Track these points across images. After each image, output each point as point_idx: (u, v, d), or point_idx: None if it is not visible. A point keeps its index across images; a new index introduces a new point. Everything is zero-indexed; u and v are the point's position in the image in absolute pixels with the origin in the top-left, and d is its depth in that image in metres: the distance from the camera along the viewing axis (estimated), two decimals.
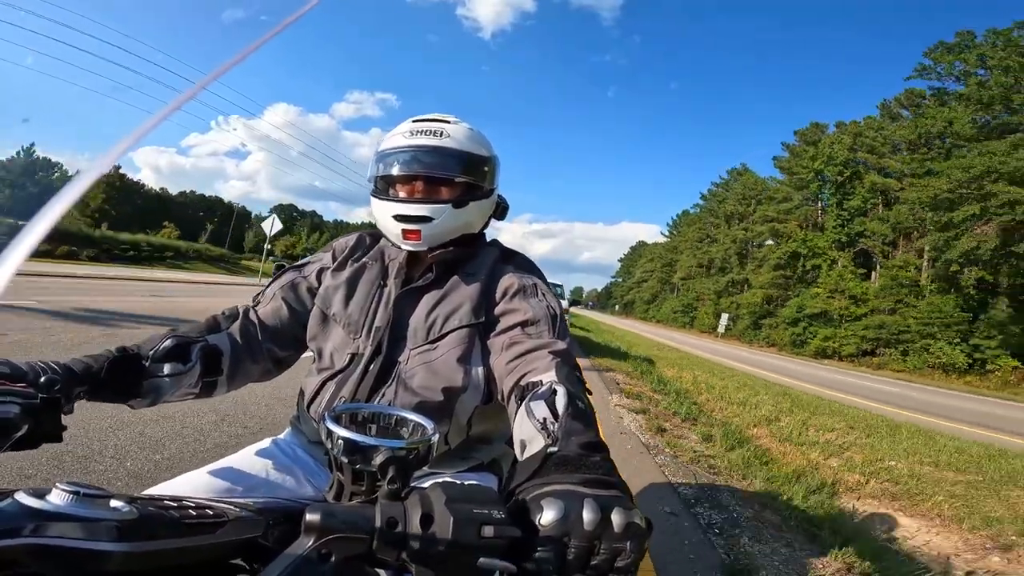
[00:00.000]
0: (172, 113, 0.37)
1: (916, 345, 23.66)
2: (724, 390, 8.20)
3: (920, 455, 5.28)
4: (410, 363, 0.94)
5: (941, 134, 25.24)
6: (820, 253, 33.95)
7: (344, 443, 0.57)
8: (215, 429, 3.08)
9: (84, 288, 9.78)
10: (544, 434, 0.66)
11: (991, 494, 4.13)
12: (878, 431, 6.51)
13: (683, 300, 57.60)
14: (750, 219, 46.51)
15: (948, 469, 4.89)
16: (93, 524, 0.38)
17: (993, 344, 21.01)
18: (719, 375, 10.99)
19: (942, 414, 10.24)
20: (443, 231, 0.99)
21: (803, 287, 34.78)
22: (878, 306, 26.91)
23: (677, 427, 5.07)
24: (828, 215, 35.62)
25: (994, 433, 8.31)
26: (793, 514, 3.04)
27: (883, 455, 5.09)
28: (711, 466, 3.86)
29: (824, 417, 7.00)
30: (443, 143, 0.98)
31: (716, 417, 5.86)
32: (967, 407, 12.62)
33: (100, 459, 2.42)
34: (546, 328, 0.91)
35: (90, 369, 0.73)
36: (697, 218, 63.46)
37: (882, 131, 33.73)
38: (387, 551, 0.43)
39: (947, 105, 25.92)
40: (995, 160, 20.27)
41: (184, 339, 0.87)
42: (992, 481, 4.57)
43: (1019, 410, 13.11)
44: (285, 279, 1.07)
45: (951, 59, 26.06)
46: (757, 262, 42.69)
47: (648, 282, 78.89)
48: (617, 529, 0.43)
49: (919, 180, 24.47)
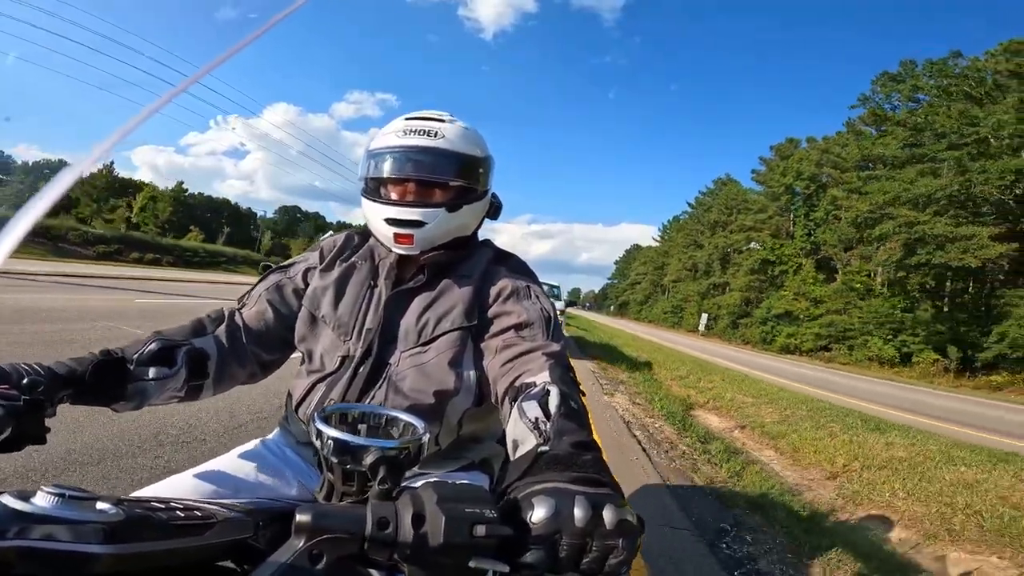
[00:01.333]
0: (160, 109, 0.37)
1: (858, 341, 27.54)
2: (668, 362, 12.03)
3: (752, 396, 9.07)
4: (401, 365, 0.93)
5: (881, 157, 29.25)
6: (787, 260, 37.90)
7: (334, 443, 0.58)
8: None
9: (194, 290, 13.00)
10: (536, 433, 0.65)
11: (770, 414, 7.93)
12: (751, 390, 10.33)
13: (672, 301, 61.58)
14: (731, 227, 50.49)
15: (767, 406, 8.69)
16: (79, 526, 0.38)
17: (917, 340, 24.90)
18: (678, 358, 14.80)
19: (830, 388, 14.03)
20: (436, 235, 0.97)
21: (773, 290, 38.69)
22: (831, 307, 30.76)
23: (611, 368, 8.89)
24: (797, 225, 39.57)
25: (858, 402, 12.12)
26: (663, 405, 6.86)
27: (733, 395, 8.89)
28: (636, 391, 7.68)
29: (713, 376, 10.81)
30: (437, 144, 0.96)
31: (645, 370, 9.70)
32: (858, 385, 16.46)
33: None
34: (540, 330, 0.91)
35: (74, 372, 0.72)
36: (686, 224, 67.48)
37: (846, 147, 37.82)
38: (379, 551, 0.43)
39: (887, 131, 29.98)
40: (901, 187, 24.47)
41: (169, 342, 0.86)
42: (785, 415, 8.38)
43: (902, 390, 16.99)
44: (270, 281, 1.05)
45: (888, 90, 30.23)
46: (736, 267, 46.63)
47: (641, 284, 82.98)
48: (609, 526, 0.43)
49: (852, 199, 28.80)
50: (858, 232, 27.75)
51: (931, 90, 27.60)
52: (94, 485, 2.32)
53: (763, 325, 36.50)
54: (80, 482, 2.32)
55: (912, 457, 4.81)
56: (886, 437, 5.57)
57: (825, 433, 5.76)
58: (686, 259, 59.90)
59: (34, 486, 0.40)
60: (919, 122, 26.12)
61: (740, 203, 50.15)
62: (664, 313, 62.42)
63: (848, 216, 28.47)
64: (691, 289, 55.55)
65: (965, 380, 22.04)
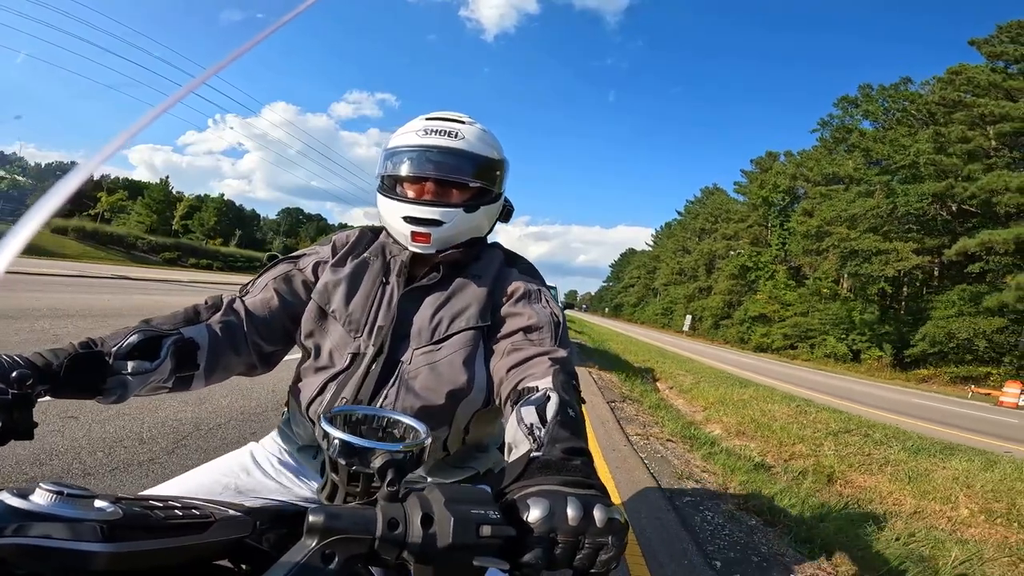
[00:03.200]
0: (169, 109, 0.37)
1: (817, 340, 31.27)
2: (638, 350, 15.68)
3: (684, 371, 12.71)
4: (413, 363, 0.93)
5: (836, 176, 33.19)
6: (764, 266, 41.69)
7: (341, 445, 0.59)
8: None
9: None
10: (530, 439, 0.67)
11: (688, 379, 11.58)
12: (686, 368, 13.98)
13: (662, 304, 65.42)
14: (715, 235, 54.37)
15: (689, 376, 12.33)
16: (77, 524, 0.38)
17: (864, 339, 28.65)
18: (647, 348, 18.45)
19: (763, 372, 17.67)
20: (453, 235, 0.98)
21: (751, 294, 42.47)
22: (797, 310, 34.51)
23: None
24: (772, 234, 43.38)
25: (773, 380, 15.78)
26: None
27: (673, 371, 12.52)
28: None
29: (667, 360, 14.45)
30: (457, 145, 0.97)
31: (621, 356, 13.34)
32: (792, 372, 20.15)
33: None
34: (548, 335, 0.92)
35: (50, 366, 0.68)
36: (676, 230, 71.35)
37: (819, 162, 41.73)
38: (389, 551, 0.44)
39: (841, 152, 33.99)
40: (841, 206, 28.44)
41: (154, 333, 0.81)
42: (698, 381, 12.02)
43: (828, 377, 20.70)
44: (278, 270, 1.04)
45: (846, 114, 34.28)
46: (719, 272, 50.44)
47: (635, 287, 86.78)
48: (599, 524, 0.45)
49: (804, 216, 32.98)
50: (811, 244, 31.81)
51: (879, 115, 31.60)
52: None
53: (740, 326, 40.24)
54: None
55: (747, 401, 8.46)
56: (746, 392, 9.26)
57: (713, 388, 9.42)
58: (675, 264, 63.70)
59: (33, 484, 0.40)
60: (869, 146, 30.01)
61: (723, 212, 54.01)
62: (655, 315, 66.22)
63: (801, 230, 32.64)
64: (679, 292, 59.27)
65: (899, 374, 25.78)
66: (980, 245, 23.37)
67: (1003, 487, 4.42)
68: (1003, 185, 22.87)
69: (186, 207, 46.27)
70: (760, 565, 2.55)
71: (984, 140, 24.92)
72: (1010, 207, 23.10)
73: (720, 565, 2.49)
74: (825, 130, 36.83)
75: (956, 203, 25.77)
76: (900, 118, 30.50)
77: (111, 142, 0.33)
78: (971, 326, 23.06)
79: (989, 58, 26.14)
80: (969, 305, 23.83)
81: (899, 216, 26.29)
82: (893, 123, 30.85)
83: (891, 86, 33.11)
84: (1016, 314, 20.84)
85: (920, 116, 28.67)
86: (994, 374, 22.03)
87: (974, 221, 25.80)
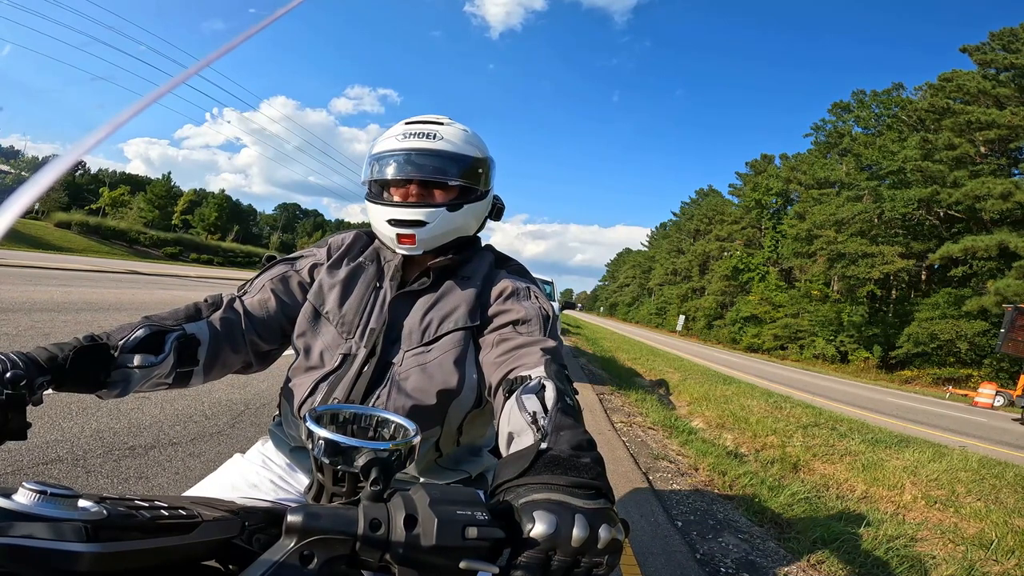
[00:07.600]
0: (158, 100, 0.37)
1: (807, 341, 31.95)
2: (630, 348, 16.23)
3: (671, 368, 13.27)
4: (404, 364, 0.94)
5: (828, 180, 33.87)
6: (756, 268, 42.38)
7: (325, 444, 0.58)
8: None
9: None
10: (534, 428, 0.66)
11: (674, 376, 12.13)
12: (673, 366, 14.54)
13: (656, 304, 66.12)
14: (709, 236, 55.03)
15: (676, 373, 12.89)
16: (61, 524, 0.37)
17: (851, 340, 29.33)
18: (638, 347, 19.01)
19: (746, 370, 18.27)
20: (437, 235, 1.00)
21: (743, 295, 43.15)
22: (787, 311, 35.19)
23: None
24: (765, 236, 44.06)
25: (756, 379, 16.37)
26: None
27: (662, 367, 13.08)
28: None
29: (656, 357, 15.02)
30: (436, 145, 0.99)
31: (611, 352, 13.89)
32: (777, 372, 20.76)
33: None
34: (538, 327, 0.93)
35: (55, 359, 0.69)
36: (671, 231, 72.03)
37: (813, 166, 42.42)
38: (370, 552, 0.43)
39: (840, 156, 34.66)
40: (830, 210, 29.15)
41: (159, 328, 0.83)
42: (684, 377, 12.58)
43: (814, 377, 21.35)
44: (276, 271, 1.06)
45: (839, 119, 34.90)
46: (712, 273, 51.12)
47: (630, 287, 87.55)
48: (601, 545, 0.45)
49: (795, 220, 33.65)
50: (802, 247, 32.53)
51: (871, 121, 32.27)
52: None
53: (732, 326, 40.94)
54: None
55: (729, 397, 9.01)
56: (728, 388, 9.83)
57: (698, 385, 9.98)
58: (669, 264, 64.37)
59: (15, 483, 0.40)
60: (859, 151, 30.69)
61: (718, 214, 54.68)
62: (649, 315, 66.94)
63: (791, 233, 33.40)
64: (673, 292, 59.92)
65: (884, 375, 26.47)
66: (963, 250, 24.07)
67: (946, 477, 4.92)
68: (987, 191, 23.55)
69: (186, 202, 46.43)
70: (714, 527, 3.06)
71: (971, 147, 25.58)
72: (994, 213, 23.81)
73: (681, 525, 3.03)
74: (819, 134, 37.51)
75: (942, 208, 26.48)
76: (891, 123, 31.18)
77: (96, 132, 0.33)
78: (953, 328, 23.74)
79: (980, 65, 26.76)
80: (952, 308, 24.52)
81: (886, 220, 27.00)
82: (884, 128, 31.52)
83: (883, 92, 33.84)
84: (996, 318, 21.51)
85: (910, 122, 29.37)
86: (975, 376, 22.76)
87: (959, 226, 26.54)
